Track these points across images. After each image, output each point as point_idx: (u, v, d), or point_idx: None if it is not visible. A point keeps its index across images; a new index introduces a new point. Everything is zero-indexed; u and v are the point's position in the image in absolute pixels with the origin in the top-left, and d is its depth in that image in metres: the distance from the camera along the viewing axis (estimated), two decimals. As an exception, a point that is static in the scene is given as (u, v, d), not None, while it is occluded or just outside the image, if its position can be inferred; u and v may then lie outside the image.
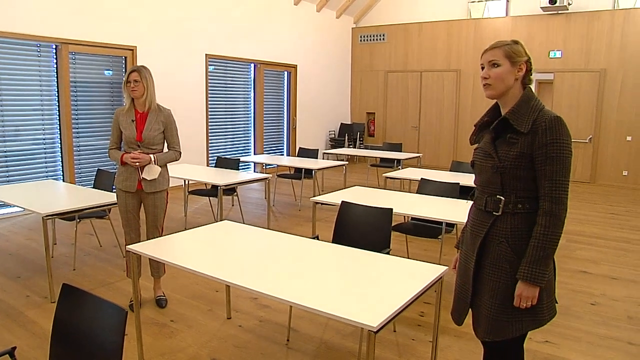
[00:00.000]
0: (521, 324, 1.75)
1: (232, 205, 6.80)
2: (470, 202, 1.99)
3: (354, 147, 11.26)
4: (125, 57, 6.96)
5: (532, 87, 1.86)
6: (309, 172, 6.71)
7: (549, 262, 1.70)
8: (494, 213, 1.80)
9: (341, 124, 11.65)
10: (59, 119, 6.33)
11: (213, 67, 8.42)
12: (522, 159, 1.72)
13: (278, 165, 6.96)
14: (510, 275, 1.75)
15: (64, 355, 1.72)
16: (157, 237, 3.33)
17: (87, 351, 1.64)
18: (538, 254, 1.68)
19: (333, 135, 11.52)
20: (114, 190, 4.01)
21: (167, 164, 3.46)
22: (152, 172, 3.33)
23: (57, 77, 6.25)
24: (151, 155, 3.30)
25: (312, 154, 7.33)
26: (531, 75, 1.81)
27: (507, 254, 1.77)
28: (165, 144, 3.45)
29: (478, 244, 1.84)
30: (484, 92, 1.83)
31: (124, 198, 3.37)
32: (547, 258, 1.68)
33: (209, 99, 8.38)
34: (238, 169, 5.87)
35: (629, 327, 3.25)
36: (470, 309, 1.91)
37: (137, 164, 3.26)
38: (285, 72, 10.10)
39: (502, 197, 1.78)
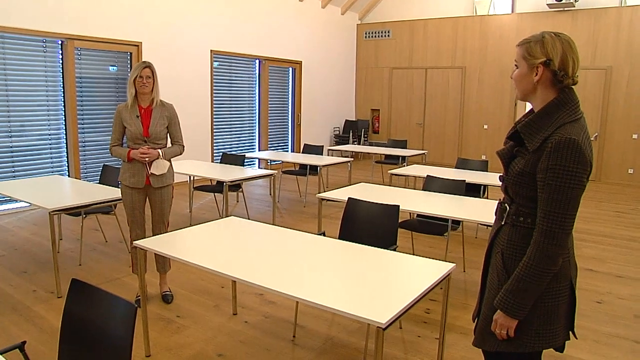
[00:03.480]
0: (499, 342, 1.64)
1: (237, 201, 6.81)
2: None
3: (359, 143, 11.25)
4: (131, 53, 6.96)
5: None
6: (313, 169, 6.71)
7: (529, 295, 1.53)
8: (500, 221, 1.71)
9: (346, 120, 11.63)
10: (65, 115, 6.35)
11: (218, 63, 8.41)
12: (523, 177, 1.57)
13: (283, 162, 6.96)
14: (497, 289, 1.65)
15: (73, 350, 1.72)
16: (163, 232, 3.35)
17: (97, 346, 1.65)
18: (516, 285, 1.54)
19: (338, 132, 11.50)
20: (119, 186, 4.03)
21: (172, 159, 3.48)
22: (161, 167, 3.34)
23: (62, 72, 6.26)
24: (159, 150, 3.31)
25: (317, 150, 7.32)
26: (564, 77, 1.54)
27: (498, 266, 1.67)
28: (169, 139, 3.46)
29: (487, 250, 1.78)
30: None
31: (130, 194, 3.38)
32: (526, 292, 1.52)
33: (214, 95, 8.38)
34: (243, 165, 5.87)
35: (635, 325, 3.24)
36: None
37: (147, 159, 3.27)
38: (290, 69, 10.08)
39: (507, 206, 1.68)
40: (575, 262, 1.67)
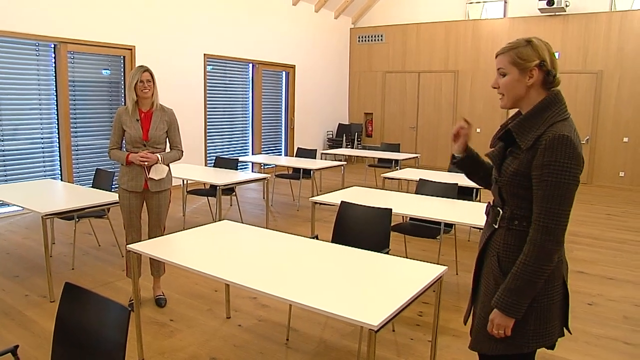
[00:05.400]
0: (496, 345, 1.63)
1: (231, 205, 6.81)
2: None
3: (352, 147, 11.27)
4: (124, 57, 6.96)
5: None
6: (307, 173, 6.72)
7: (526, 294, 1.53)
8: (493, 225, 1.70)
9: (339, 124, 11.66)
10: (57, 118, 6.32)
11: (211, 67, 8.42)
12: (518, 177, 1.57)
13: (276, 166, 6.97)
14: (494, 291, 1.65)
15: (66, 354, 1.72)
16: (159, 236, 3.34)
17: (90, 350, 1.65)
18: (514, 283, 1.54)
19: (331, 136, 11.53)
20: (114, 190, 4.02)
21: (170, 164, 3.48)
22: (159, 172, 3.34)
23: (55, 76, 6.25)
24: (158, 155, 3.31)
25: (310, 154, 7.33)
26: (552, 77, 1.58)
27: (494, 269, 1.66)
28: (168, 144, 3.47)
29: (478, 253, 1.79)
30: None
31: (127, 198, 3.37)
32: (524, 290, 1.52)
33: (208, 99, 8.38)
34: (237, 169, 5.87)
35: (625, 327, 3.27)
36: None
37: (146, 163, 3.27)
38: (284, 73, 10.10)
39: (500, 210, 1.67)
40: (566, 261, 1.69)
